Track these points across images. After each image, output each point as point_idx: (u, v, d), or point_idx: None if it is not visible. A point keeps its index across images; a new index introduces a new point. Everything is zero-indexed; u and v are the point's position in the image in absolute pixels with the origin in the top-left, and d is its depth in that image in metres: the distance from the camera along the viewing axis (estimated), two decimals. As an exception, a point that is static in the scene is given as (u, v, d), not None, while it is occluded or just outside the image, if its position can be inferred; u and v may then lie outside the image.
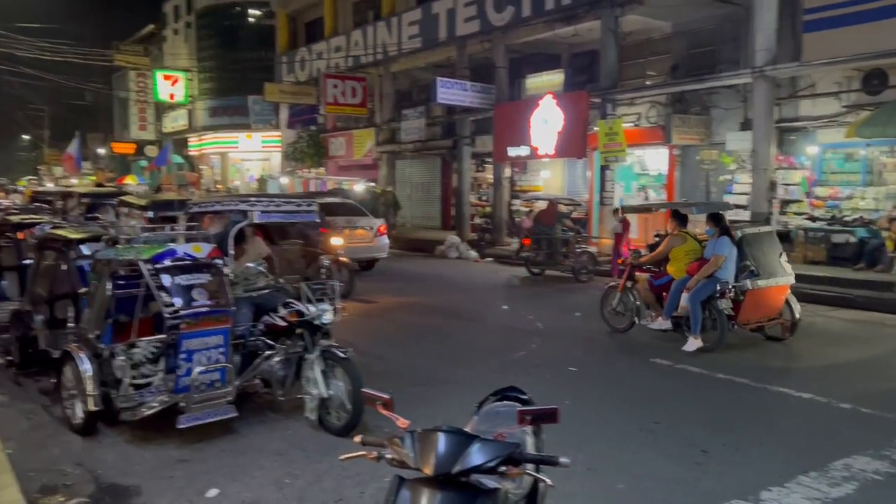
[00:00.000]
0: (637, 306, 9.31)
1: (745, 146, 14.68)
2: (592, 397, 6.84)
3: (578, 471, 4.86)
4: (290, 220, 7.05)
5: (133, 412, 5.50)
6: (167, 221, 7.96)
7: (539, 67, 20.54)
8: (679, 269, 8.83)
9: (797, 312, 8.98)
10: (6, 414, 6.19)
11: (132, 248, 5.84)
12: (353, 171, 27.03)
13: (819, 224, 14.38)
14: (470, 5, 20.50)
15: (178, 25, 42.97)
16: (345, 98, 26.16)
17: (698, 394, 6.99)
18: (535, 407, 2.70)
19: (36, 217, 9.62)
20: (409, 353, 8.69)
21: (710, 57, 17.14)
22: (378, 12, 26.17)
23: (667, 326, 8.89)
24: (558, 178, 21.14)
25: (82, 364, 5.61)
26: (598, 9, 17.02)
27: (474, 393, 6.37)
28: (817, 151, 15.02)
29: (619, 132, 15.97)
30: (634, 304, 9.34)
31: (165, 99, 40.47)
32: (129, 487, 4.78)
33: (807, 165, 15.11)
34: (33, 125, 61.37)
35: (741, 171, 15.63)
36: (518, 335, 9.59)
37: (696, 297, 8.40)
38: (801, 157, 15.17)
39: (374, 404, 2.70)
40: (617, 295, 9.59)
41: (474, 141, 22.33)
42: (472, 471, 2.30)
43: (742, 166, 15.52)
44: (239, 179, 37.90)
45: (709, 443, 5.55)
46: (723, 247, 8.42)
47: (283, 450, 5.43)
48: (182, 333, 5.44)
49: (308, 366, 5.85)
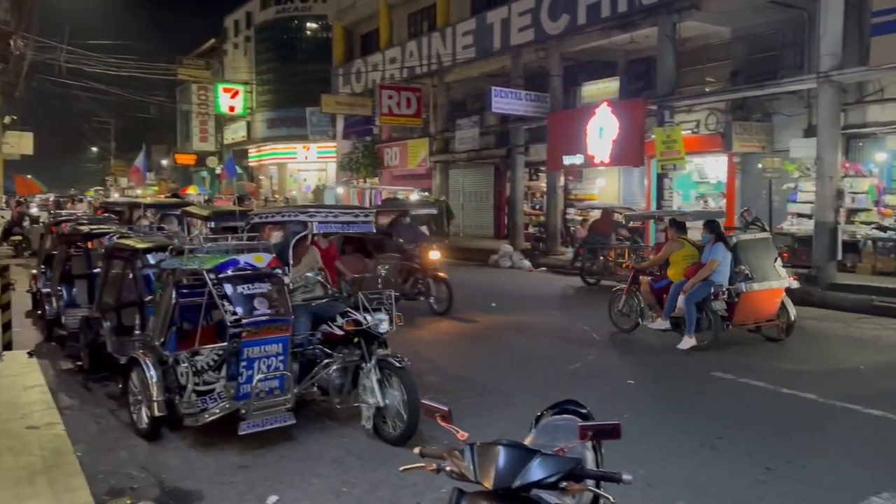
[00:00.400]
0: (641, 308, 9.86)
1: (810, 153, 14.24)
2: (651, 411, 6.71)
3: (637, 486, 4.77)
4: (347, 230, 7.12)
5: (196, 418, 5.64)
6: (229, 232, 8.15)
7: (594, 75, 20.36)
8: (677, 272, 9.38)
9: (792, 315, 9.47)
10: (76, 417, 6.40)
11: (196, 258, 5.99)
12: (407, 181, 27.24)
13: (889, 234, 13.85)
14: (524, 14, 20.48)
15: (237, 39, 44.15)
16: (400, 109, 26.41)
17: (762, 409, 6.79)
18: (597, 422, 2.67)
19: (104, 227, 9.97)
20: (463, 364, 8.67)
21: (771, 62, 16.72)
22: (433, 23, 26.39)
23: (666, 326, 9.43)
24: (614, 186, 20.89)
25: (148, 370, 5.78)
26: (655, 15, 16.80)
27: (530, 405, 6.35)
28: (886, 158, 14.48)
29: (677, 140, 15.70)
30: (638, 306, 9.91)
31: (226, 111, 41.64)
32: (192, 492, 4.89)
33: (875, 173, 14.57)
34: (100, 137, 63.71)
35: (805, 179, 15.17)
36: (574, 346, 9.49)
37: (692, 298, 8.98)
38: (868, 165, 14.65)
39: (433, 416, 2.71)
40: (623, 298, 10.18)
41: (528, 150, 22.25)
42: (532, 485, 2.29)
43: (806, 174, 15.07)
44: (296, 189, 38.60)
45: (773, 460, 5.38)
46: (717, 252, 9.02)
47: (340, 458, 5.48)
48: (243, 341, 5.55)
49: (364, 375, 5.91)
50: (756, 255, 9.45)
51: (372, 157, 29.41)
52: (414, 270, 11.90)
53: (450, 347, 9.75)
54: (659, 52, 16.97)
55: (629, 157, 17.50)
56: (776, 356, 8.88)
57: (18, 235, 22.01)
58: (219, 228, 8.47)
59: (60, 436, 5.54)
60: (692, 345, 8.99)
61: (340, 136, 33.18)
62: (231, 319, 5.52)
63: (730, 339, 9.31)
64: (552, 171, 20.60)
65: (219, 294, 5.63)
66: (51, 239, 10.68)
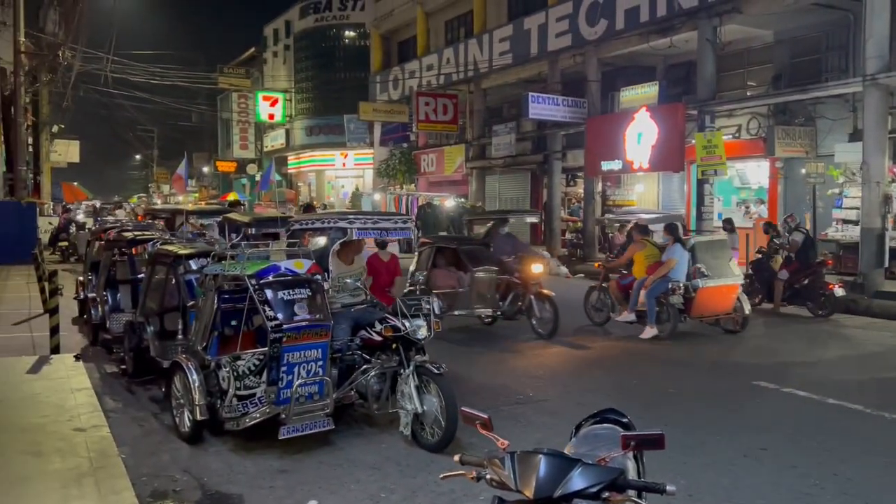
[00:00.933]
0: (611, 303, 10.90)
1: (855, 158, 13.91)
2: (693, 420, 6.60)
3: (680, 497, 4.69)
4: (385, 237, 7.15)
5: (237, 422, 5.71)
6: (269, 238, 8.25)
7: (632, 80, 20.18)
8: (640, 270, 10.37)
9: (747, 309, 10.44)
10: (120, 420, 6.53)
11: (237, 264, 6.08)
12: (444, 187, 27.31)
13: (939, 240, 13.46)
14: (562, 20, 20.41)
15: (277, 48, 44.78)
16: (436, 115, 26.53)
17: (807, 420, 6.63)
18: (640, 432, 2.63)
19: (148, 233, 10.18)
20: (499, 371, 8.64)
21: (814, 65, 16.41)
22: (469, 30, 26.45)
23: (631, 319, 10.33)
24: (653, 192, 20.68)
25: (191, 374, 5.87)
26: (695, 19, 16.61)
27: (568, 413, 6.32)
28: (936, 163, 14.08)
29: (718, 145, 15.48)
30: (609, 301, 10.95)
31: (265, 119, 42.24)
32: (233, 496, 4.95)
33: (924, 178, 14.18)
34: (144, 145, 65.09)
35: (851, 184, 14.83)
36: (612, 352, 9.38)
37: (652, 293, 9.97)
38: (917, 169, 14.26)
39: (472, 423, 2.69)
40: (596, 294, 11.27)
41: (565, 155, 22.15)
42: (574, 495, 2.26)
43: (851, 179, 14.73)
44: (334, 196, 38.97)
45: (819, 472, 5.25)
46: (675, 252, 10.03)
47: (378, 464, 5.50)
48: (284, 347, 5.61)
49: (403, 381, 5.92)
50: (712, 255, 10.40)
51: (409, 164, 29.58)
52: (513, 286, 10.68)
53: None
54: (699, 57, 16.77)
55: (669, 163, 17.32)
56: (822, 366, 8.69)
57: (65, 241, 22.58)
58: (259, 235, 8.57)
59: (106, 438, 5.65)
60: (653, 334, 9.94)
61: (378, 143, 33.43)
62: (272, 325, 5.58)
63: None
64: (590, 177, 20.47)
65: (260, 299, 5.70)
66: (97, 246, 10.91)
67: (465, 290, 10.21)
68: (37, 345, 9.18)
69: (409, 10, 29.94)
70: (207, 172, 56.26)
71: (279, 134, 44.17)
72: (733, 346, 10.00)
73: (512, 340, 10.23)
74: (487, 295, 10.30)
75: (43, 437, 5.62)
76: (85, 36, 25.16)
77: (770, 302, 12.45)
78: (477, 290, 10.17)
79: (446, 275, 10.62)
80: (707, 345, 9.44)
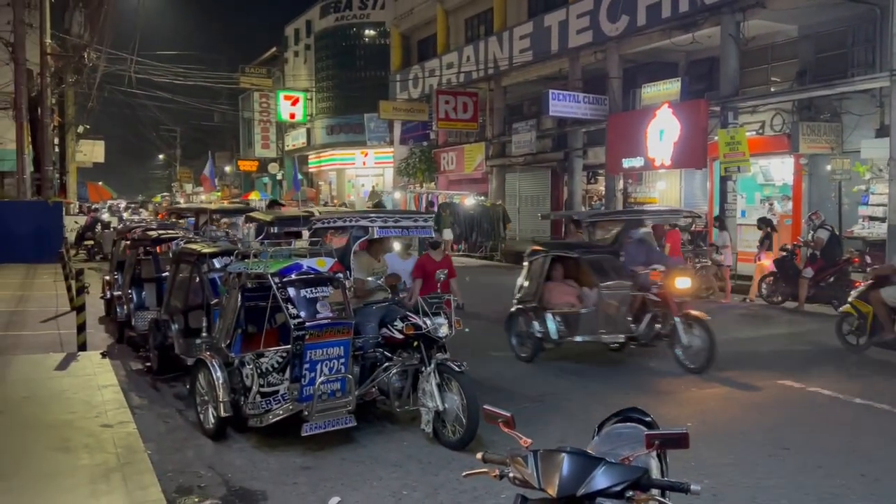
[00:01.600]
0: None
1: (882, 154, 13.70)
2: (717, 419, 6.56)
3: (703, 497, 4.65)
4: (406, 235, 7.18)
5: (260, 419, 5.76)
6: (291, 237, 8.30)
7: (654, 76, 20.02)
8: None
9: None
10: (146, 417, 6.61)
11: (261, 262, 6.13)
12: (464, 185, 27.30)
13: (968, 237, 13.20)
14: (583, 16, 20.29)
15: (298, 48, 45.01)
16: (456, 113, 26.49)
17: (833, 419, 6.56)
18: (664, 431, 2.62)
19: (172, 232, 10.29)
20: (520, 369, 8.63)
21: (840, 60, 16.16)
22: (489, 27, 26.39)
23: None
24: (675, 189, 20.49)
25: (215, 372, 5.94)
26: (718, 15, 16.44)
27: (590, 411, 6.30)
28: (965, 158, 13.80)
29: (741, 141, 15.31)
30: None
31: (286, 118, 42.49)
32: (257, 492, 5.00)
33: (953, 174, 13.91)
34: (167, 145, 65.68)
35: (877, 180, 14.60)
36: (635, 352, 9.33)
37: None
38: (946, 165, 14.00)
39: (495, 421, 2.70)
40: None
41: (586, 153, 22.03)
42: (597, 494, 2.26)
43: (878, 176, 14.51)
44: (354, 195, 39.11)
45: (844, 473, 5.19)
46: None
47: (400, 461, 5.53)
48: (306, 344, 5.65)
49: (424, 378, 5.95)
50: None
51: (428, 162, 29.59)
52: (650, 305, 8.63)
53: (500, 355, 9.41)
54: (722, 52, 16.59)
55: (691, 160, 17.17)
56: (846, 365, 8.58)
57: (90, 240, 22.89)
58: (281, 233, 8.64)
59: (132, 434, 5.74)
60: None
61: (398, 142, 33.49)
62: (295, 322, 5.63)
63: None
64: (611, 175, 20.34)
65: (283, 297, 5.75)
66: (123, 245, 11.04)
67: (591, 310, 8.47)
68: (64, 342, 9.32)
69: (429, 9, 29.94)
70: (229, 172, 56.68)
71: (300, 133, 44.40)
72: (757, 345, 9.91)
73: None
74: (618, 317, 8.47)
75: (71, 433, 5.72)
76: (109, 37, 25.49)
77: (795, 300, 12.32)
78: (605, 311, 8.39)
79: (564, 290, 8.96)
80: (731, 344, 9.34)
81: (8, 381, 7.27)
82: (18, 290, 14.74)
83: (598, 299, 8.42)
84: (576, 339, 8.58)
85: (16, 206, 20.97)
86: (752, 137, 16.11)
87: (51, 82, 25.26)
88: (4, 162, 25.73)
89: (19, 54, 21.06)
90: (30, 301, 13.25)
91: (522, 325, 8.92)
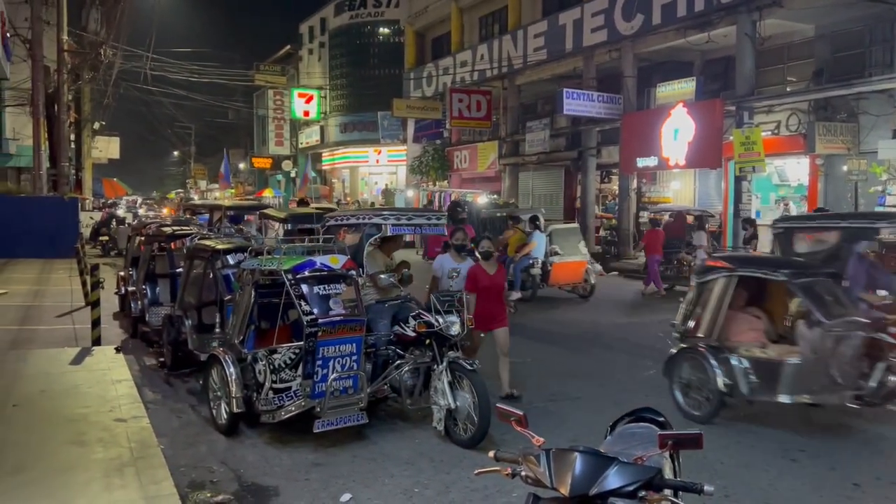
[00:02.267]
0: None
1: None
2: (730, 420, 6.51)
3: (715, 498, 4.60)
4: (419, 233, 7.18)
5: (272, 415, 5.78)
6: (305, 234, 8.33)
7: (669, 75, 19.91)
8: (512, 250, 13.48)
9: (593, 280, 14.06)
10: (159, 412, 6.65)
11: (274, 259, 6.15)
12: (477, 184, 27.26)
13: None
14: (598, 15, 20.22)
15: (312, 45, 45.09)
16: (470, 112, 26.47)
17: (849, 421, 6.50)
18: (678, 431, 2.61)
19: (186, 228, 10.35)
20: (534, 368, 8.61)
21: (857, 60, 16.01)
22: (504, 25, 26.35)
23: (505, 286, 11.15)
24: (689, 189, 20.40)
25: (228, 367, 5.96)
26: (734, 14, 16.33)
27: (603, 411, 6.28)
28: (984, 159, 13.66)
29: (756, 141, 15.21)
30: None
31: (300, 116, 42.63)
32: (269, 487, 5.02)
33: (972, 175, 13.77)
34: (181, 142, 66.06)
35: (894, 182, 14.47)
36: (647, 352, 9.29)
37: (518, 266, 13.19)
38: (965, 166, 13.86)
39: (508, 420, 2.70)
40: None
41: (600, 152, 21.96)
42: (610, 494, 2.26)
43: (895, 177, 14.37)
44: (367, 192, 39.18)
45: (860, 475, 5.15)
46: (534, 237, 13.44)
47: (411, 459, 5.53)
48: (319, 341, 5.66)
49: (436, 376, 5.95)
50: (566, 239, 14.14)
51: (441, 161, 29.58)
52: (883, 348, 5.88)
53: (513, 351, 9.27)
54: (738, 52, 16.48)
55: (706, 160, 17.07)
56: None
57: (105, 236, 23.07)
58: (295, 230, 8.67)
59: (146, 429, 5.78)
60: (518, 297, 11.74)
61: (411, 140, 33.50)
62: (307, 319, 5.64)
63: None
64: (625, 174, 20.27)
65: (296, 294, 5.76)
66: (137, 241, 11.12)
67: (811, 358, 5.91)
68: (79, 336, 9.39)
69: (444, 7, 29.92)
70: (243, 169, 56.92)
71: (314, 130, 44.49)
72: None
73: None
74: (846, 367, 5.81)
75: (86, 427, 5.77)
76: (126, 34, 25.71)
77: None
78: (827, 359, 5.82)
79: (750, 323, 6.74)
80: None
81: (24, 375, 7.33)
82: (34, 284, 14.89)
83: (819, 342, 5.87)
84: (780, 399, 6.05)
85: (32, 201, 21.18)
86: (767, 137, 15.99)
87: (67, 79, 25.49)
88: (21, 158, 26.00)
89: (37, 51, 21.25)
90: (45, 296, 13.37)
91: (692, 372, 6.59)
